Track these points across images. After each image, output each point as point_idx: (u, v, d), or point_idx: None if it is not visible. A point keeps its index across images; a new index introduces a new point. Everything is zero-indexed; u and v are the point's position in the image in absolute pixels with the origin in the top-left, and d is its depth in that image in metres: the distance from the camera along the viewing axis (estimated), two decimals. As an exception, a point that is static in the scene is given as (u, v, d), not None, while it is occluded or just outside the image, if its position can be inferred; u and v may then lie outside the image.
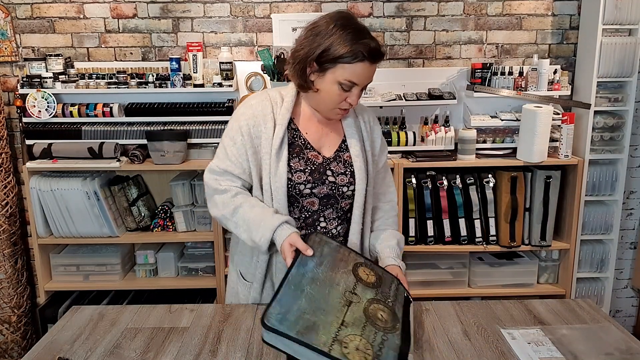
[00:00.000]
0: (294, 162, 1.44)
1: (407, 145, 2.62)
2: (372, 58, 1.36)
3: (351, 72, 1.35)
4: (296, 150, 1.45)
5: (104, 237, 2.62)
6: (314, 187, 1.45)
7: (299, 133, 1.47)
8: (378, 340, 1.13)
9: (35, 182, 2.53)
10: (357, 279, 1.27)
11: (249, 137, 1.43)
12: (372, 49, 1.36)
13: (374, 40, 1.37)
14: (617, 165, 2.73)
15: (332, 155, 1.49)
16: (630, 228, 3.00)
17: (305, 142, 1.47)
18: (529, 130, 2.50)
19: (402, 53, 2.80)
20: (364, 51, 1.34)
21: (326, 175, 1.46)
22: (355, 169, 1.48)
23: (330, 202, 1.48)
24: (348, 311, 1.17)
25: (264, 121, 1.43)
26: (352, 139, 1.50)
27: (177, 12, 2.72)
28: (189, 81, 2.64)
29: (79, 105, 2.63)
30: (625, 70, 2.61)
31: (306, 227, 1.48)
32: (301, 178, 1.43)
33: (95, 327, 1.40)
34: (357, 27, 1.37)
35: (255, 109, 1.45)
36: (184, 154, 2.60)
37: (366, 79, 1.39)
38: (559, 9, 2.77)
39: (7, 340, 2.76)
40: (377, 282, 1.31)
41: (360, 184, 1.48)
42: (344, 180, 1.47)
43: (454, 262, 2.74)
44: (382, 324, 1.18)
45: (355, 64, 1.35)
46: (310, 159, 1.46)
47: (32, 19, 2.72)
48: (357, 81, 1.37)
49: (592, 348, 1.25)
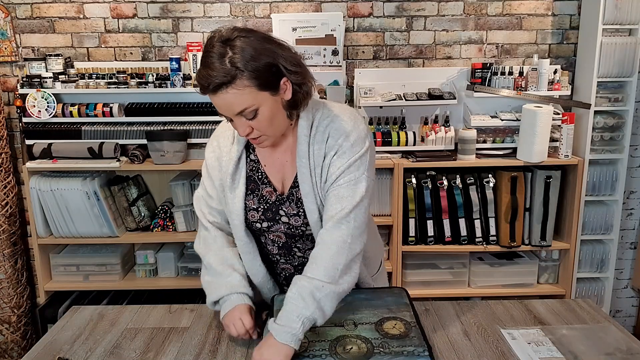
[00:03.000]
0: (248, 200, 1.32)
1: (407, 145, 2.62)
2: (205, 89, 1.15)
3: (213, 103, 1.19)
4: (251, 186, 1.33)
5: (104, 237, 2.62)
6: (271, 226, 1.33)
7: (258, 165, 1.33)
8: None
9: (35, 182, 2.53)
10: None
11: (213, 169, 1.36)
12: (200, 76, 1.14)
13: (208, 64, 1.13)
14: (617, 165, 2.73)
15: (287, 194, 1.31)
16: (630, 228, 3.00)
17: (262, 175, 1.33)
18: (529, 130, 2.50)
19: (402, 53, 2.80)
20: (197, 80, 1.16)
21: (279, 215, 1.31)
22: (307, 211, 1.27)
23: (297, 236, 1.35)
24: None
25: (225, 152, 1.33)
26: (302, 175, 1.26)
27: (177, 12, 2.72)
28: (189, 81, 2.63)
29: (79, 105, 2.63)
30: (625, 70, 2.61)
31: (284, 256, 1.39)
32: (255, 217, 1.32)
33: (95, 327, 1.40)
34: (206, 49, 1.16)
35: (219, 140, 1.36)
36: (184, 154, 2.60)
37: (224, 110, 1.18)
38: (559, 9, 2.77)
39: (7, 340, 2.76)
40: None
41: (315, 226, 1.28)
42: (299, 221, 1.30)
43: (454, 262, 2.74)
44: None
45: (208, 94, 1.17)
46: (264, 196, 1.32)
47: (32, 19, 2.72)
48: (222, 113, 1.20)
49: (592, 348, 1.25)
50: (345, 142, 1.25)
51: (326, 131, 1.26)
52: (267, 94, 1.17)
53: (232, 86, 1.13)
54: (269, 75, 1.16)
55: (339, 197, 1.24)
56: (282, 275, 1.46)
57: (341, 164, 1.24)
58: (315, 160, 1.26)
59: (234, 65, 1.11)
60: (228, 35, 1.15)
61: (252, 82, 1.14)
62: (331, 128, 1.26)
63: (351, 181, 1.24)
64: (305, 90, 1.23)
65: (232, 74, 1.12)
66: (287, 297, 1.20)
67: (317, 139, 1.26)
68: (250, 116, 1.18)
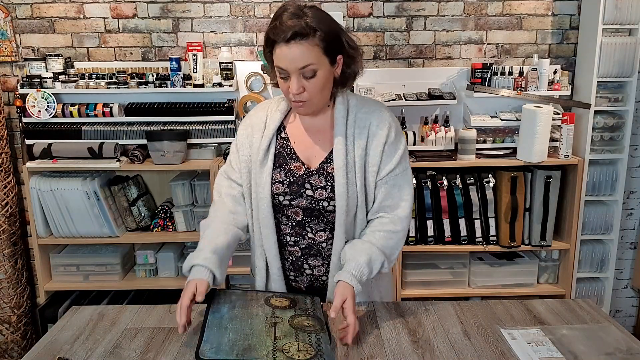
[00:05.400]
0: (275, 173, 1.42)
1: (407, 145, 2.62)
2: (279, 38, 1.26)
3: (277, 58, 1.30)
4: (280, 160, 1.43)
5: (104, 237, 2.62)
6: (293, 199, 1.41)
7: (287, 142, 1.45)
8: (314, 339, 1.20)
9: (35, 182, 2.53)
10: (272, 308, 1.32)
11: (243, 145, 1.47)
12: (275, 28, 1.27)
13: (283, 20, 1.27)
14: (617, 165, 2.73)
15: (316, 168, 1.41)
16: (630, 228, 3.00)
17: (291, 151, 1.44)
18: (529, 130, 2.50)
19: (402, 53, 2.80)
20: (271, 34, 1.29)
21: (304, 188, 1.40)
22: (336, 183, 1.37)
23: (314, 214, 1.43)
24: (276, 329, 1.23)
25: (257, 130, 1.46)
26: (338, 151, 1.38)
27: (177, 12, 2.72)
28: (189, 81, 2.64)
29: (79, 105, 2.63)
30: (625, 70, 2.61)
31: (295, 235, 1.46)
32: (279, 189, 1.41)
33: (95, 327, 1.40)
34: (278, 12, 1.30)
35: (252, 119, 1.49)
36: (184, 154, 2.60)
37: (289, 62, 1.28)
38: (559, 9, 2.77)
39: (7, 340, 2.76)
40: (292, 303, 1.36)
41: (341, 200, 1.37)
42: (324, 194, 1.39)
43: (454, 262, 2.74)
44: (311, 328, 1.25)
45: (276, 48, 1.29)
46: (291, 170, 1.42)
47: (32, 19, 2.72)
48: (282, 66, 1.30)
49: (592, 348, 1.25)
50: (391, 132, 1.41)
51: (369, 118, 1.41)
52: (328, 61, 1.31)
53: (305, 40, 1.26)
54: (335, 44, 1.31)
55: (398, 186, 1.43)
56: (290, 260, 1.49)
57: (390, 160, 1.41)
58: (355, 141, 1.39)
59: (309, 25, 1.26)
60: (301, 6, 1.30)
61: (321, 44, 1.28)
62: (373, 117, 1.41)
63: (404, 171, 1.46)
64: (354, 71, 1.39)
65: (306, 30, 1.26)
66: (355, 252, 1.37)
67: (357, 124, 1.40)
68: (309, 74, 1.30)
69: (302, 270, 1.49)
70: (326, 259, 1.47)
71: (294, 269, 1.49)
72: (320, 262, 1.47)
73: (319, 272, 1.49)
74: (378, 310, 1.44)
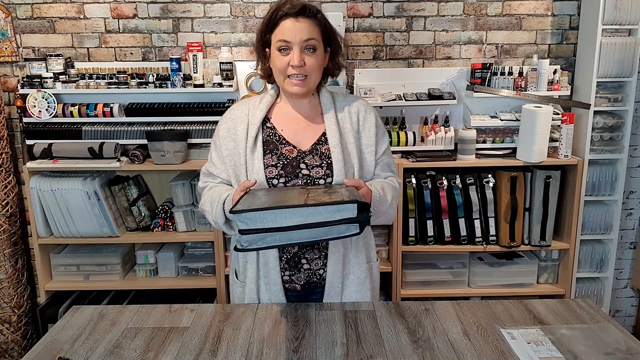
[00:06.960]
0: (267, 158, 1.48)
1: (407, 145, 2.62)
2: (289, 10, 1.41)
3: (281, 32, 1.43)
4: (270, 146, 1.50)
5: (104, 237, 2.63)
6: (288, 180, 1.47)
7: (274, 131, 1.53)
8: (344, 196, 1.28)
9: (35, 182, 2.53)
10: (307, 190, 1.39)
11: (225, 139, 1.53)
12: (286, 4, 1.42)
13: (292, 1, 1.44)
14: (617, 165, 2.73)
15: (309, 149, 1.50)
16: (630, 228, 3.01)
17: (280, 138, 1.52)
18: (529, 130, 2.51)
19: (402, 53, 2.80)
20: (281, 7, 1.42)
21: (300, 168, 1.48)
22: (333, 159, 1.47)
23: None
24: (308, 195, 1.31)
25: (239, 122, 1.53)
26: (331, 131, 1.50)
27: (177, 12, 2.73)
28: (189, 81, 2.64)
29: (79, 105, 2.63)
30: (625, 70, 2.61)
31: None
32: (273, 173, 1.47)
33: (95, 327, 1.40)
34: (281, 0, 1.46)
35: (233, 112, 1.57)
36: (184, 154, 2.60)
37: (296, 33, 1.41)
38: (558, 9, 2.77)
39: (7, 340, 2.76)
40: (326, 187, 1.43)
41: (339, 175, 1.46)
42: (320, 172, 1.47)
43: (454, 262, 2.74)
44: (342, 196, 1.30)
45: (280, 23, 1.43)
46: (283, 154, 1.49)
47: (33, 19, 2.73)
48: (287, 38, 1.42)
49: (592, 348, 1.26)
50: (377, 116, 1.58)
51: (355, 104, 1.56)
52: (323, 45, 1.48)
53: (312, 18, 1.44)
54: (329, 35, 1.49)
55: (388, 165, 1.60)
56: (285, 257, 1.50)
57: (383, 142, 1.57)
58: (347, 123, 1.53)
59: (314, 7, 1.45)
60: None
61: (321, 29, 1.46)
62: (360, 103, 1.58)
63: (390, 152, 1.62)
64: (336, 65, 1.55)
65: (313, 9, 1.44)
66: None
67: (347, 109, 1.55)
68: (311, 49, 1.44)
69: (300, 266, 1.50)
70: (323, 250, 1.49)
71: (289, 267, 1.50)
72: (318, 254, 1.49)
73: (316, 265, 1.50)
74: (378, 310, 1.45)
